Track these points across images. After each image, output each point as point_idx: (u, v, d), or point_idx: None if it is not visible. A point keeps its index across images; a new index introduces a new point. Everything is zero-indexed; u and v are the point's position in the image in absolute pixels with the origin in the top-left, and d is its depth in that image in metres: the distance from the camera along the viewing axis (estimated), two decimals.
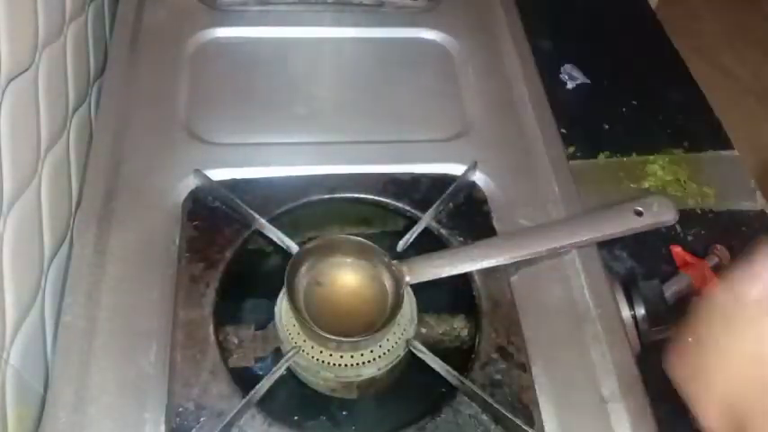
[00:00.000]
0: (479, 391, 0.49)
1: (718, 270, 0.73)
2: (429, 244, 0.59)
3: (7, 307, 0.51)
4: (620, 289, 0.59)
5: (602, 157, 0.87)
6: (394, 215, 0.64)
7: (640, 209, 0.58)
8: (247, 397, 0.48)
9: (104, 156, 0.62)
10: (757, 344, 0.37)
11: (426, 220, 0.60)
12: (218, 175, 0.61)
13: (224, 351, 0.53)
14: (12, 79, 0.52)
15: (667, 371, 0.41)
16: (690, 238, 0.80)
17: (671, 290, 0.70)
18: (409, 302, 0.54)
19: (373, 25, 0.78)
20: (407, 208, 0.62)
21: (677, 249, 0.77)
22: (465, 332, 0.58)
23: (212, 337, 0.52)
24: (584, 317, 0.56)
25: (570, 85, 0.95)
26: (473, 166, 0.63)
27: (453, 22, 0.79)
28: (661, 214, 0.58)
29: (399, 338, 0.53)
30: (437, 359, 0.51)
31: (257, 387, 0.49)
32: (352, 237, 0.55)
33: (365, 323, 0.52)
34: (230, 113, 0.68)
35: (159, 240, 0.57)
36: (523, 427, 0.48)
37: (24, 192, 0.54)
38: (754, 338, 0.38)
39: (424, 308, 0.56)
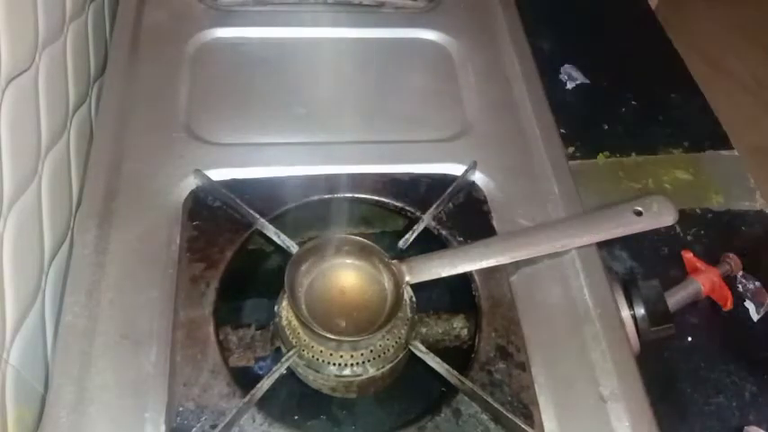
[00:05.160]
0: (479, 391, 0.49)
1: (729, 278, 0.73)
2: (429, 244, 0.59)
3: (7, 307, 0.51)
4: (620, 289, 0.59)
5: (602, 157, 0.87)
6: (394, 215, 0.64)
7: (640, 209, 0.58)
8: (247, 397, 0.48)
9: (104, 156, 0.62)
10: None
11: (426, 220, 0.60)
12: (218, 175, 0.61)
13: (224, 351, 0.53)
14: (12, 79, 0.52)
15: None
16: (690, 237, 0.80)
17: (680, 295, 0.70)
18: (409, 302, 0.54)
19: (373, 25, 0.78)
20: (407, 208, 0.62)
21: (688, 255, 0.77)
22: (465, 332, 0.58)
23: (212, 337, 0.52)
24: (584, 317, 0.56)
25: (570, 85, 0.95)
26: (473, 166, 0.63)
27: (453, 22, 0.79)
28: (661, 214, 0.58)
29: (399, 338, 0.53)
30: (437, 359, 0.51)
31: (257, 387, 0.49)
32: (352, 237, 0.55)
33: (365, 323, 0.51)
34: (230, 113, 0.68)
35: (159, 240, 0.57)
36: (523, 426, 0.48)
37: (24, 192, 0.54)
38: None
39: (423, 308, 0.56)
